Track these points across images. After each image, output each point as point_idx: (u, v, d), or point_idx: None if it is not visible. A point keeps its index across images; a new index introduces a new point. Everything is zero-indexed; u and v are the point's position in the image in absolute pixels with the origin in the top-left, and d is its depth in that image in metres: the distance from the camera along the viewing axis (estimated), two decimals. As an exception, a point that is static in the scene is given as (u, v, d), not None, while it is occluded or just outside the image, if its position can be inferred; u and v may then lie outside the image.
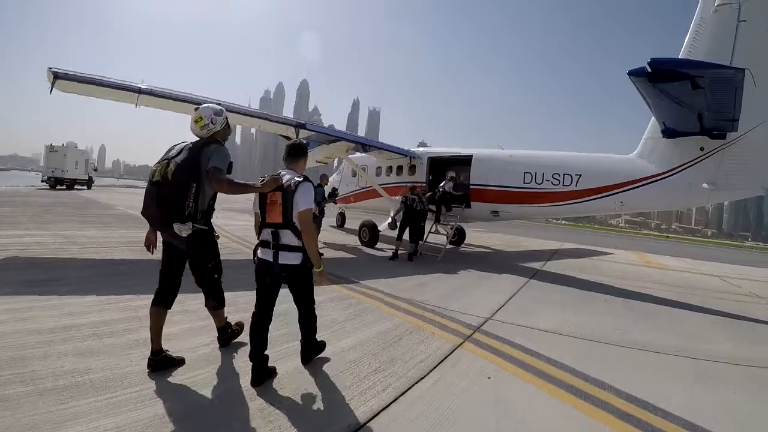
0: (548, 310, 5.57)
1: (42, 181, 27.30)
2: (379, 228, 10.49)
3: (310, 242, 2.73)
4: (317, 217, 7.81)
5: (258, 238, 2.85)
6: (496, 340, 4.06)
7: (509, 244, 15.41)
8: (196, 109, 2.92)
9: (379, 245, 10.64)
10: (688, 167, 7.48)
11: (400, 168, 11.89)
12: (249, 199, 3.01)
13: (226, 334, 3.32)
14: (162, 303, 2.86)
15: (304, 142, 3.21)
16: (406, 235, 8.98)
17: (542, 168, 9.14)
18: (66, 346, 3.02)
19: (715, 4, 6.61)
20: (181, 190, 2.65)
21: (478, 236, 16.96)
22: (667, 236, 53.70)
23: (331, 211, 14.82)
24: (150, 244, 2.92)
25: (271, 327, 2.90)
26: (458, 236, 12.51)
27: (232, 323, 3.43)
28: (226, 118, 3.00)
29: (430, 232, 10.47)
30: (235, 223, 12.81)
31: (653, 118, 7.88)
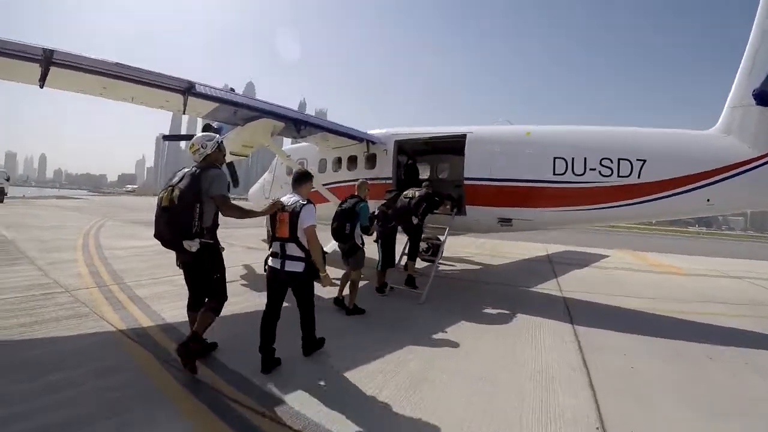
0: (687, 421, 2.72)
1: None
2: (325, 249, 7.01)
3: (315, 251, 3.28)
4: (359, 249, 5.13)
5: (269, 250, 3.39)
6: None
7: (488, 251, 12.53)
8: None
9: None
10: None
11: (352, 159, 8.29)
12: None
13: (202, 343, 3.38)
14: (195, 309, 3.36)
15: (305, 170, 3.73)
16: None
17: (583, 151, 5.87)
18: None
19: None
20: (187, 212, 3.01)
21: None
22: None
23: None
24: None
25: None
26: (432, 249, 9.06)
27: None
28: (218, 142, 3.37)
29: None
30: (121, 245, 8.78)
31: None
